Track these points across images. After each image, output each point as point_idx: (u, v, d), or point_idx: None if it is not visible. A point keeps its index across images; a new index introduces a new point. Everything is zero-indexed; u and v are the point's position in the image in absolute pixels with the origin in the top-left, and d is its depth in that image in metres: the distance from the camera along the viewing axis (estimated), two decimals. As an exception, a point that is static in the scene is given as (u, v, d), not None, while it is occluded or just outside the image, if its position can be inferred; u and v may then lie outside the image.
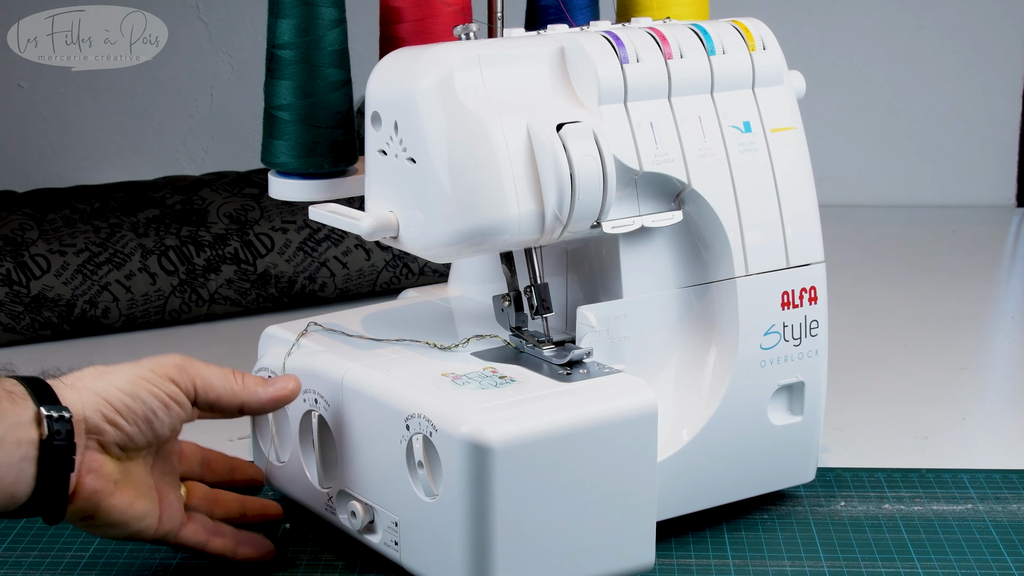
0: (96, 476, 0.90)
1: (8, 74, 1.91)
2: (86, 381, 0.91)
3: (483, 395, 0.93)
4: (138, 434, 0.91)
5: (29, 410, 0.87)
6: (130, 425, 0.91)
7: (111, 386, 0.91)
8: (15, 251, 1.46)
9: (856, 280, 1.66)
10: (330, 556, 1.02)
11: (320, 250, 1.53)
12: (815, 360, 1.07)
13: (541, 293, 1.01)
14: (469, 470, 0.88)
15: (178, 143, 1.96)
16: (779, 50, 1.06)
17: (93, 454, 0.90)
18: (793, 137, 1.06)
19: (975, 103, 1.99)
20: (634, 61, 1.00)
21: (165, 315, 1.49)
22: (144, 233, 1.50)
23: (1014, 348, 1.47)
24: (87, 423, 0.89)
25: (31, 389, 0.88)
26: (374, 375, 0.97)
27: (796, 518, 1.08)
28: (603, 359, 1.00)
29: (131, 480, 0.92)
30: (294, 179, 1.09)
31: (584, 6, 1.16)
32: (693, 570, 1.00)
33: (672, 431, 1.02)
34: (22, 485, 0.86)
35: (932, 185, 2.01)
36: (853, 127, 1.99)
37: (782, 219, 1.05)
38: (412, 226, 0.97)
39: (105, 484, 0.90)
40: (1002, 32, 1.97)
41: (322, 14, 1.06)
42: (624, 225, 1.00)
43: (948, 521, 1.07)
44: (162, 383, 0.93)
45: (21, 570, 1.00)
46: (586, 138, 0.96)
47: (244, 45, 1.94)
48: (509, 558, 0.90)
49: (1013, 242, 1.87)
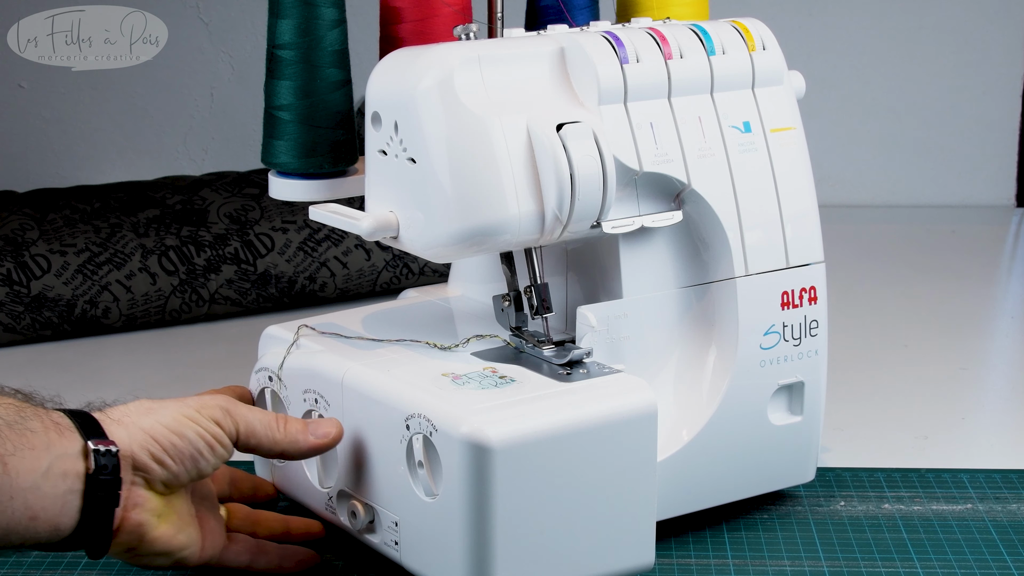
0: (140, 510, 0.90)
1: (9, 74, 1.91)
2: (133, 417, 0.91)
3: (483, 395, 0.93)
4: (183, 473, 0.91)
5: (76, 443, 0.86)
6: (176, 464, 0.91)
7: (158, 424, 0.91)
8: (15, 251, 1.46)
9: (856, 280, 1.67)
10: (330, 556, 1.02)
11: (320, 250, 1.53)
12: (815, 360, 1.07)
13: (541, 293, 1.01)
14: (469, 470, 0.88)
15: (178, 143, 1.97)
16: (779, 50, 1.06)
17: (138, 490, 0.90)
18: (793, 137, 1.06)
19: (975, 103, 1.99)
20: (634, 61, 1.00)
21: (165, 315, 1.49)
22: (144, 233, 1.50)
23: (1014, 348, 1.47)
24: (134, 460, 0.89)
25: (78, 422, 0.88)
26: (374, 375, 0.97)
27: (796, 518, 1.08)
28: (603, 359, 1.00)
29: (173, 512, 0.92)
30: (294, 179, 1.09)
31: (584, 6, 1.16)
32: (693, 570, 1.00)
33: (672, 431, 1.02)
34: (66, 518, 0.86)
35: (932, 185, 2.01)
36: (853, 127, 1.99)
37: (782, 219, 1.05)
38: (412, 226, 0.97)
39: (149, 518, 0.90)
40: (1001, 32, 1.97)
41: (322, 14, 1.06)
42: (624, 225, 1.00)
43: (948, 521, 1.07)
44: (208, 424, 0.92)
45: (22, 570, 1.00)
46: (586, 138, 0.96)
47: (244, 45, 1.94)
48: (509, 558, 0.90)
49: (1013, 242, 1.87)
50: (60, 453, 0.85)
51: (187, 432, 0.91)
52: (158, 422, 0.91)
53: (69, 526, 0.86)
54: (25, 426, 0.85)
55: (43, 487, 0.84)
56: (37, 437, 0.85)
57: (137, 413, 0.91)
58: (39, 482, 0.84)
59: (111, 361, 1.41)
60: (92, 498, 0.86)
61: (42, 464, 0.84)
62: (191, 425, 0.91)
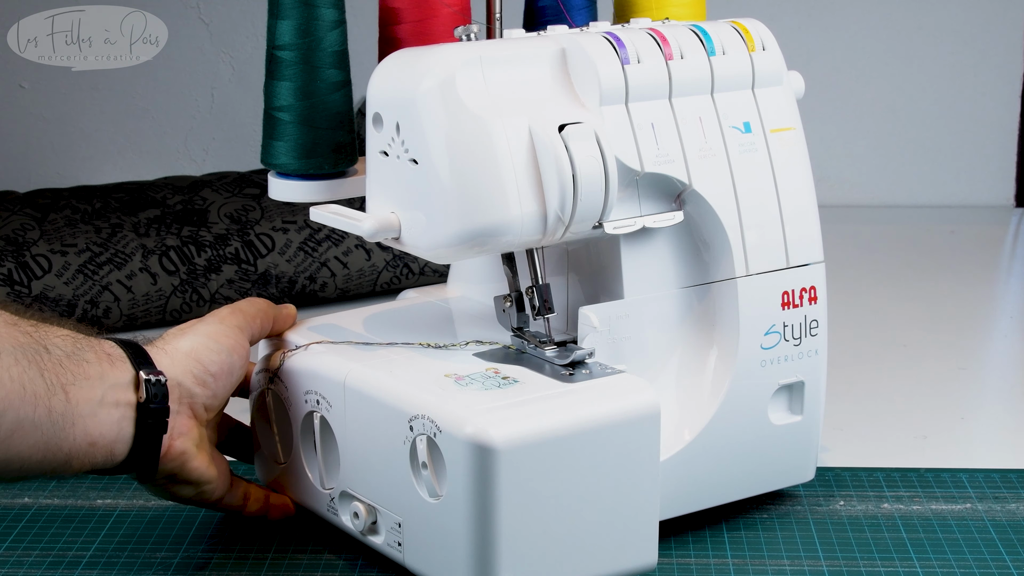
0: (185, 439, 0.95)
1: (10, 75, 1.91)
2: (174, 343, 0.97)
3: (486, 396, 0.93)
4: (221, 390, 0.98)
5: (128, 373, 0.92)
6: (215, 381, 0.97)
7: (196, 341, 0.97)
8: (16, 251, 1.46)
9: (855, 280, 1.67)
10: (330, 556, 1.02)
11: (321, 250, 1.53)
12: (815, 360, 1.07)
13: (542, 294, 1.01)
14: (473, 471, 0.89)
15: (179, 143, 1.97)
16: (778, 51, 1.06)
17: (183, 418, 0.95)
18: (793, 137, 1.06)
19: (974, 103, 1.99)
20: (635, 62, 1.00)
21: (166, 315, 1.49)
22: (145, 233, 1.50)
23: (1013, 348, 1.48)
24: (180, 387, 0.95)
25: (130, 352, 0.93)
26: (377, 376, 0.97)
27: (795, 517, 1.08)
28: (604, 359, 1.00)
29: (205, 444, 0.98)
30: (294, 180, 1.09)
31: (583, 7, 1.16)
32: (692, 569, 1.01)
33: (674, 431, 1.02)
34: (121, 444, 0.91)
35: (931, 185, 2.01)
36: (853, 127, 1.99)
37: (782, 219, 1.05)
38: (414, 227, 0.98)
39: (190, 447, 0.96)
40: (1001, 32, 1.97)
41: (322, 15, 1.06)
42: (625, 225, 1.00)
43: (947, 521, 1.07)
44: (233, 332, 0.99)
45: (22, 570, 1.01)
46: (588, 139, 0.96)
47: (245, 46, 1.94)
48: (513, 558, 0.90)
49: (1012, 242, 1.87)
50: (113, 383, 0.90)
51: (222, 342, 0.98)
52: (195, 340, 0.97)
53: (123, 452, 0.91)
54: (81, 357, 0.90)
55: (99, 415, 0.89)
56: (92, 367, 0.90)
57: (175, 338, 0.97)
58: (96, 410, 0.89)
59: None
60: (143, 426, 0.91)
61: (97, 393, 0.89)
62: (223, 340, 0.98)
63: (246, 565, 1.01)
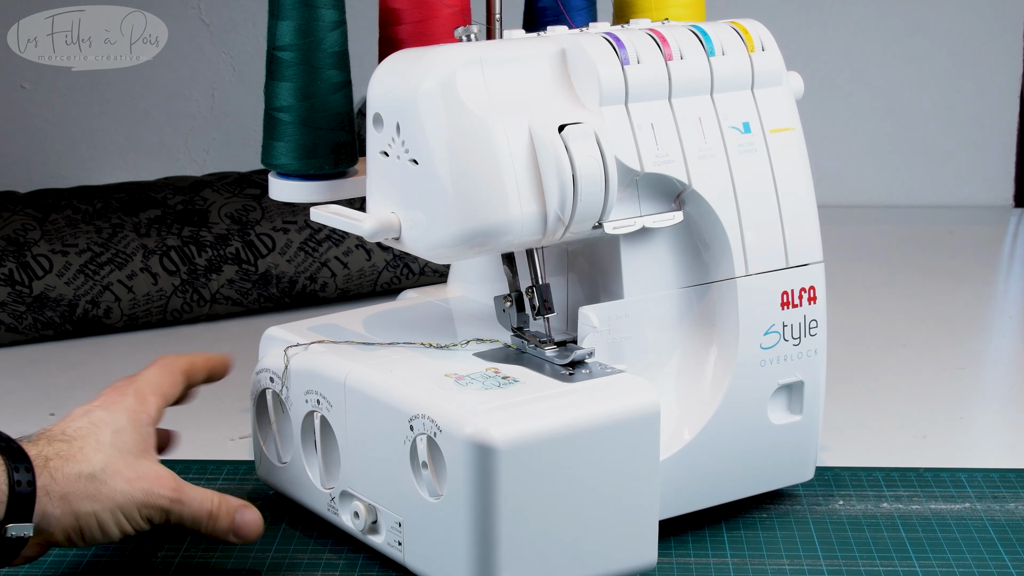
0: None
1: (10, 75, 1.91)
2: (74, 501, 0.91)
3: (487, 395, 0.94)
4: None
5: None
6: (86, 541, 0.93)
7: (94, 514, 0.92)
8: (17, 251, 1.46)
9: (855, 280, 1.67)
10: (330, 556, 1.02)
11: (321, 250, 1.53)
12: (814, 359, 1.08)
13: (542, 293, 1.01)
14: (473, 470, 0.89)
15: (179, 143, 1.97)
16: (778, 51, 1.07)
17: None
18: (792, 138, 1.07)
19: (973, 104, 1.99)
20: (635, 62, 1.00)
21: (167, 315, 1.50)
22: (146, 233, 1.50)
23: (1012, 348, 1.48)
24: (51, 537, 0.92)
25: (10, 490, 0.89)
26: (377, 376, 0.97)
27: (795, 517, 1.08)
28: (604, 359, 1.00)
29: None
30: (294, 180, 1.09)
31: (582, 7, 1.16)
32: (692, 569, 1.01)
33: (673, 431, 1.03)
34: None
35: (930, 185, 2.01)
36: (852, 127, 2.00)
37: (781, 219, 1.06)
38: (414, 227, 0.98)
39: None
40: (1000, 33, 1.97)
41: (322, 16, 1.06)
42: (625, 226, 1.00)
43: (946, 520, 1.08)
44: (140, 524, 0.94)
45: (23, 570, 1.01)
46: (588, 139, 0.96)
47: (245, 46, 1.94)
48: (513, 557, 0.90)
49: (1011, 242, 1.87)
50: None
51: (115, 530, 0.93)
52: (95, 512, 0.91)
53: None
54: None
55: None
56: None
57: (80, 496, 0.91)
58: None
59: (113, 361, 1.42)
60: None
61: None
62: (124, 523, 0.93)
63: (246, 565, 1.01)
